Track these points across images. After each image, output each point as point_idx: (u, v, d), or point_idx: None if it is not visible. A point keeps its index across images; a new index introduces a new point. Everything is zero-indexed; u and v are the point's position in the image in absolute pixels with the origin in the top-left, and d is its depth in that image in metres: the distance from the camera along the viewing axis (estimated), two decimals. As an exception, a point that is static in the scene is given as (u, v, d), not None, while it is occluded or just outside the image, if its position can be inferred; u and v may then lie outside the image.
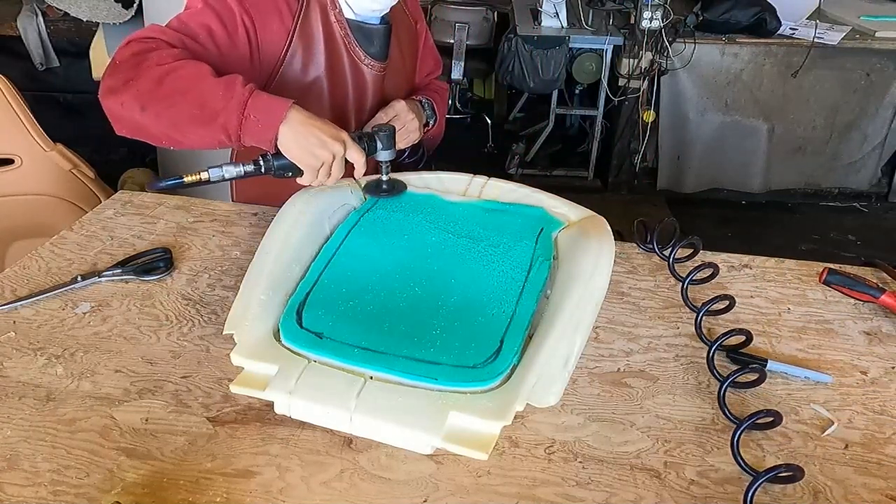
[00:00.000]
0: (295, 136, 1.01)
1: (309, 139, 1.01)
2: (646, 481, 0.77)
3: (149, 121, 1.03)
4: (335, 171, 1.05)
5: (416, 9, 1.44)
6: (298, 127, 1.01)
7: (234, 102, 0.99)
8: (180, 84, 1.02)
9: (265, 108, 1.00)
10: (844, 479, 0.78)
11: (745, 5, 3.18)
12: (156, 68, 1.03)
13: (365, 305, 0.93)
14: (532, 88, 3.45)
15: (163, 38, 1.09)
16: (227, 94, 1.00)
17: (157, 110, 1.02)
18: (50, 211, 1.89)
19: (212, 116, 1.00)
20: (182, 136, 1.04)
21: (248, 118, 1.00)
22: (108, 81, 1.05)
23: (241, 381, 0.82)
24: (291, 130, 1.00)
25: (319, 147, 1.01)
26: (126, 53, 1.06)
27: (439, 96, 1.50)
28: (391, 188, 1.17)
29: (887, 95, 3.32)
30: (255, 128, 1.00)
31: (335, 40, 1.23)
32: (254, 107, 1.00)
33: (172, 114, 1.02)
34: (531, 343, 0.88)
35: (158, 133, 1.06)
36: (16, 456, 0.78)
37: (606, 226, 1.06)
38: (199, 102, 1.01)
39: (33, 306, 1.02)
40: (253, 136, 1.01)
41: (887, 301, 1.03)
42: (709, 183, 3.54)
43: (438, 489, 0.76)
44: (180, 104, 1.01)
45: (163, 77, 1.02)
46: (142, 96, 1.02)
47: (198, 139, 1.04)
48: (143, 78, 1.02)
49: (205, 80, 1.02)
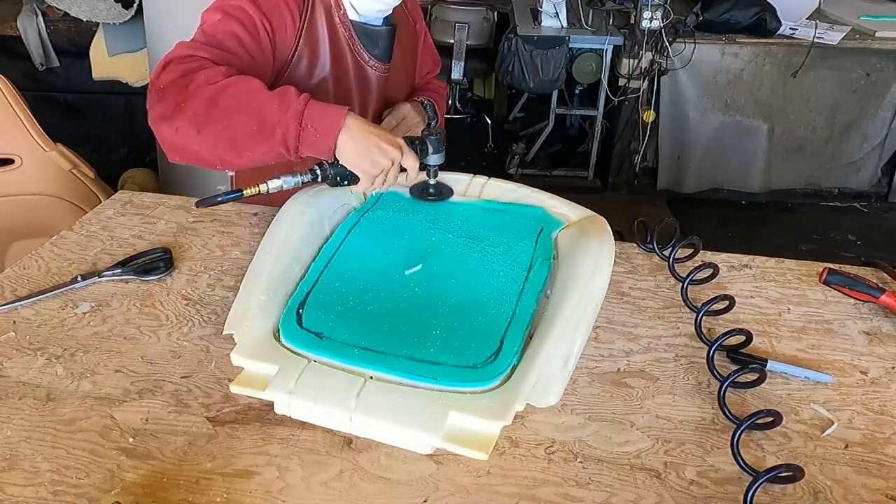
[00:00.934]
0: (354, 144, 0.99)
1: (369, 147, 0.99)
2: (646, 481, 0.77)
3: (206, 143, 1.00)
4: (391, 177, 1.04)
5: (415, 9, 1.44)
6: (357, 134, 0.99)
7: (290, 114, 0.97)
8: (234, 101, 0.99)
9: (322, 118, 0.98)
10: (844, 479, 0.78)
11: (745, 5, 3.18)
12: (206, 88, 1.00)
13: (365, 305, 0.94)
14: (532, 88, 3.45)
15: (201, 54, 1.06)
16: (282, 107, 0.98)
17: (214, 131, 0.99)
18: (50, 211, 1.89)
19: (270, 131, 0.98)
20: (240, 155, 1.01)
21: (305, 128, 0.97)
22: (157, 108, 1.02)
23: (241, 381, 0.82)
24: (351, 138, 0.99)
25: (379, 154, 1.00)
26: (170, 76, 1.03)
27: (439, 96, 1.50)
28: (438, 192, 1.15)
29: (887, 95, 3.32)
30: (312, 138, 0.98)
31: (340, 42, 1.23)
32: (310, 116, 0.98)
33: (230, 133, 0.99)
34: (531, 343, 0.88)
35: (214, 157, 1.03)
36: (16, 456, 0.78)
37: (606, 226, 1.07)
38: (257, 118, 0.98)
39: (33, 306, 1.02)
40: (311, 146, 0.99)
41: (887, 301, 1.03)
42: (709, 183, 3.54)
43: (438, 489, 0.76)
44: (237, 122, 0.99)
45: (215, 96, 0.99)
46: (197, 118, 0.99)
47: (258, 156, 1.01)
48: (195, 99, 0.99)
49: (258, 95, 1.00)
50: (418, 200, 1.15)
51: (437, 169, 1.14)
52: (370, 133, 1.00)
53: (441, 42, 3.50)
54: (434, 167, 1.13)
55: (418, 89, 1.49)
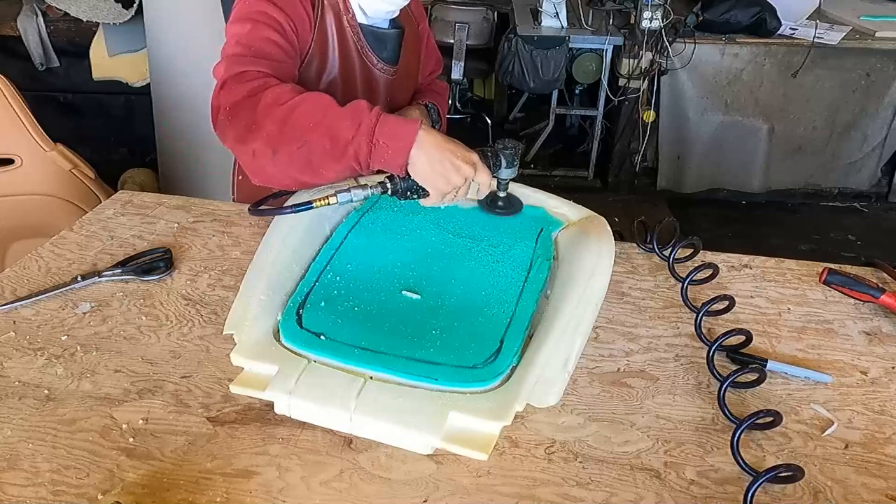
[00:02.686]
0: (428, 161, 0.96)
1: (444, 164, 0.96)
2: (646, 481, 0.77)
3: (281, 164, 0.99)
4: (461, 193, 1.01)
5: (419, 10, 1.44)
6: (432, 151, 0.96)
7: (362, 130, 0.95)
8: (306, 120, 0.98)
9: (394, 134, 0.96)
10: (844, 479, 0.78)
11: (745, 5, 3.18)
12: (277, 108, 0.98)
13: (365, 305, 0.93)
14: (532, 88, 3.45)
15: (254, 68, 1.05)
16: (354, 123, 0.96)
17: (289, 151, 0.98)
18: (50, 211, 1.89)
19: (343, 149, 0.96)
20: (315, 174, 1.00)
21: (377, 144, 0.96)
22: (231, 131, 1.02)
23: (241, 381, 0.82)
24: (425, 154, 0.96)
25: (453, 171, 0.97)
26: (235, 96, 1.02)
27: (441, 97, 1.51)
28: (508, 205, 1.12)
29: (887, 95, 3.32)
30: (384, 154, 0.96)
31: (348, 45, 1.23)
32: (382, 132, 0.96)
33: (305, 152, 0.98)
34: (531, 343, 0.88)
35: (288, 177, 1.02)
36: (16, 456, 0.78)
37: (606, 226, 1.06)
38: (330, 136, 0.97)
39: (33, 306, 1.02)
40: (383, 162, 0.97)
41: (887, 301, 1.03)
42: (709, 183, 3.54)
43: (438, 489, 0.76)
44: (311, 141, 0.97)
45: (287, 116, 0.98)
46: (271, 140, 0.98)
47: (332, 175, 1.00)
48: (267, 121, 0.98)
49: (330, 111, 0.98)
50: (487, 213, 1.12)
51: (507, 182, 1.10)
52: (444, 149, 0.97)
53: (441, 42, 3.50)
54: (505, 181, 1.09)
55: (421, 90, 1.49)
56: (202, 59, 2.56)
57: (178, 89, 2.72)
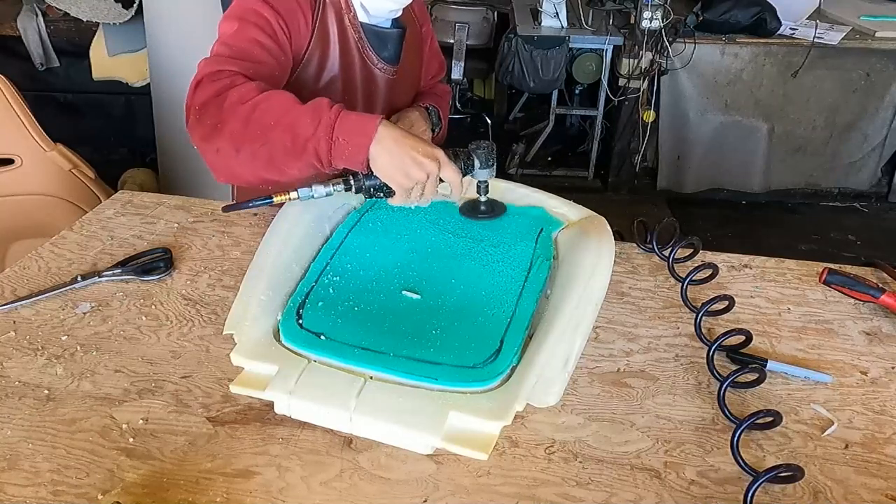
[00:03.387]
0: (388, 156, 0.95)
1: (403, 158, 0.95)
2: (646, 481, 0.77)
3: (245, 163, 0.99)
4: (428, 191, 0.99)
5: (422, 12, 1.43)
6: (391, 145, 0.94)
7: (321, 127, 0.95)
8: (268, 118, 0.97)
9: (353, 130, 0.95)
10: (844, 479, 0.78)
11: (745, 5, 3.18)
12: (240, 107, 0.98)
13: (365, 305, 0.93)
14: (532, 88, 3.45)
15: (229, 68, 1.04)
16: (314, 120, 0.95)
17: (251, 149, 0.98)
18: (50, 211, 1.89)
19: (302, 146, 0.96)
20: (279, 172, 1.00)
21: (336, 141, 0.94)
22: (198, 130, 1.01)
23: (241, 381, 0.82)
24: (384, 150, 0.95)
25: (414, 166, 0.95)
26: (204, 95, 1.02)
27: (443, 100, 1.50)
28: (490, 209, 1.10)
29: (887, 95, 3.32)
30: (344, 151, 0.95)
31: (349, 44, 1.23)
32: (342, 129, 0.94)
33: (267, 150, 0.97)
34: (531, 343, 0.88)
35: (254, 176, 1.02)
36: (16, 456, 0.78)
37: (606, 226, 1.06)
38: (290, 133, 0.96)
39: (33, 306, 1.02)
40: (343, 159, 0.96)
41: (887, 301, 1.03)
42: (709, 183, 3.54)
43: (438, 489, 0.76)
44: (272, 139, 0.96)
45: (249, 114, 0.98)
46: (234, 138, 0.98)
47: (295, 172, 0.99)
48: (231, 119, 0.98)
49: (291, 109, 0.97)
50: (469, 219, 1.11)
51: (486, 184, 1.08)
52: (405, 144, 0.95)
53: (441, 42, 3.48)
54: (483, 183, 1.07)
55: (423, 92, 1.49)
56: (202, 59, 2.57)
57: (178, 89, 2.71)
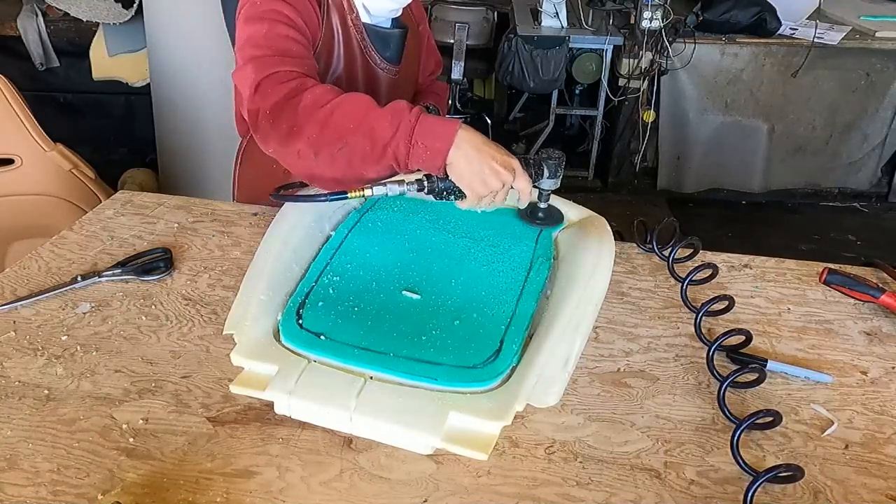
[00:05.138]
0: (468, 163, 0.95)
1: (482, 167, 0.95)
2: (646, 481, 0.77)
3: (324, 166, 1.00)
4: (499, 198, 1.00)
5: (419, 11, 1.44)
6: (470, 152, 0.95)
7: (401, 130, 0.95)
8: (347, 122, 0.98)
9: (433, 134, 0.95)
10: (844, 479, 0.78)
11: (745, 5, 3.18)
12: (318, 111, 0.99)
13: (365, 305, 0.93)
14: (532, 88, 3.45)
15: (285, 67, 1.04)
16: (393, 123, 0.96)
17: (331, 153, 0.98)
18: (50, 211, 1.89)
19: (382, 150, 0.96)
20: (358, 174, 1.00)
21: (416, 145, 0.95)
22: (273, 134, 1.02)
23: (241, 381, 0.82)
24: (463, 155, 0.95)
25: (491, 175, 0.96)
26: (272, 98, 1.02)
27: (441, 98, 1.51)
28: (547, 216, 1.11)
29: (887, 95, 3.32)
30: (423, 155, 0.95)
31: (352, 43, 1.23)
32: (421, 133, 0.95)
33: (346, 153, 0.98)
34: (531, 343, 0.88)
35: (331, 178, 1.02)
36: (16, 456, 0.78)
37: (607, 226, 1.07)
38: (370, 137, 0.96)
39: (33, 306, 1.02)
40: (421, 162, 0.96)
41: (887, 301, 1.03)
42: (709, 183, 3.54)
43: (438, 489, 0.76)
44: (352, 143, 0.97)
45: (328, 118, 0.98)
46: (313, 142, 0.99)
47: (373, 175, 1.00)
48: (309, 122, 0.99)
49: (370, 113, 0.98)
50: (525, 222, 1.11)
51: (549, 193, 1.09)
52: (484, 152, 0.96)
53: (441, 42, 3.50)
54: (547, 192, 1.08)
55: (421, 91, 1.49)
56: (202, 59, 2.57)
57: (178, 89, 2.72)
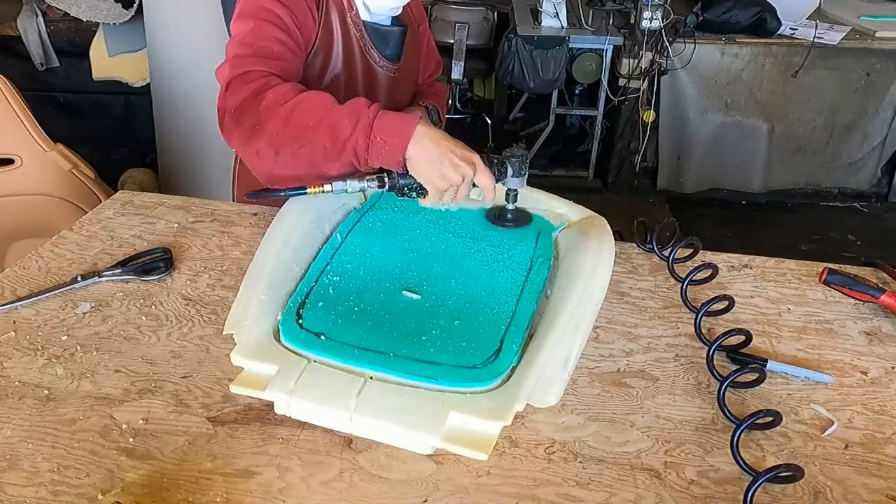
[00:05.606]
0: (427, 157, 0.96)
1: (441, 161, 0.96)
2: (646, 481, 0.77)
3: (285, 164, 1.01)
4: (461, 193, 1.00)
5: (418, 11, 1.44)
6: (430, 147, 0.95)
7: (360, 127, 0.95)
8: (308, 119, 0.98)
9: (392, 130, 0.96)
10: (844, 479, 0.78)
11: (745, 5, 3.18)
12: (279, 108, 0.99)
13: (365, 305, 0.93)
14: (532, 88, 3.45)
15: (259, 68, 1.05)
16: (352, 119, 0.96)
17: (291, 151, 0.99)
18: (50, 211, 1.89)
19: (342, 147, 0.97)
20: (319, 172, 1.01)
21: (374, 141, 0.95)
22: (236, 133, 1.02)
23: (241, 381, 0.82)
24: (422, 150, 0.95)
25: (450, 168, 0.96)
26: (238, 98, 1.02)
27: (440, 99, 1.51)
28: (516, 218, 1.10)
29: (887, 95, 3.32)
30: (382, 151, 0.96)
31: (351, 41, 1.23)
32: (380, 128, 0.96)
33: (307, 151, 0.98)
34: (531, 343, 0.88)
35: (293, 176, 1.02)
36: (16, 456, 0.78)
37: (607, 226, 1.06)
38: (331, 133, 0.97)
39: (33, 306, 1.02)
40: (380, 158, 0.97)
41: (887, 301, 1.03)
42: (709, 183, 3.54)
43: (438, 489, 0.76)
44: (313, 140, 0.98)
45: (289, 115, 0.98)
46: (274, 140, 0.99)
47: (335, 172, 1.00)
48: (270, 121, 0.99)
49: (331, 110, 0.98)
50: (494, 224, 1.11)
51: (516, 193, 1.09)
52: (443, 146, 0.96)
53: (441, 42, 3.50)
54: (513, 191, 1.08)
55: (421, 91, 1.50)
56: (202, 59, 2.57)
57: (178, 89, 2.72)
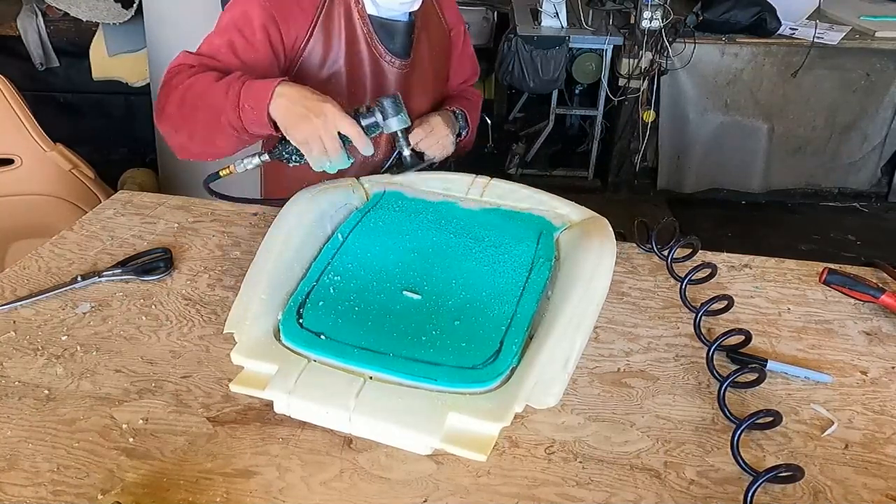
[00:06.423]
0: (285, 113, 1.01)
1: (297, 110, 1.01)
2: (646, 481, 0.77)
3: (186, 140, 1.11)
4: (329, 144, 1.03)
5: (453, 16, 1.43)
6: (286, 103, 1.01)
7: (230, 97, 1.02)
8: (195, 99, 1.07)
9: (255, 95, 1.02)
10: (844, 479, 0.78)
11: (745, 5, 3.18)
12: (175, 91, 1.09)
13: (365, 305, 0.93)
14: (532, 88, 3.44)
15: (186, 62, 1.14)
16: (224, 91, 1.03)
17: (188, 130, 1.09)
18: (50, 211, 1.89)
19: (217, 118, 1.03)
20: (214, 146, 1.10)
21: (243, 108, 1.02)
22: (155, 117, 1.14)
23: (241, 381, 0.82)
24: (279, 107, 1.01)
25: (303, 118, 1.01)
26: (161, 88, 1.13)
27: (472, 104, 1.50)
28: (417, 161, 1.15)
29: (887, 95, 3.32)
30: (251, 115, 1.02)
31: (356, 35, 1.23)
32: (247, 96, 1.02)
33: (199, 128, 1.07)
34: (531, 344, 0.88)
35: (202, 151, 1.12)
36: (16, 456, 0.78)
37: (608, 227, 1.06)
38: (211, 109, 1.04)
39: (33, 306, 1.02)
40: (253, 125, 1.03)
41: (887, 301, 1.03)
42: (709, 183, 3.54)
43: (438, 489, 0.76)
44: (200, 117, 1.06)
45: (182, 97, 1.08)
46: (174, 121, 1.10)
47: (224, 144, 1.09)
48: (170, 104, 1.10)
49: (211, 88, 1.05)
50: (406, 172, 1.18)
51: (405, 133, 1.12)
52: (296, 100, 1.01)
53: (441, 42, 3.49)
54: (401, 131, 1.11)
55: (453, 96, 1.49)
56: (202, 59, 2.57)
57: (178, 89, 2.71)
